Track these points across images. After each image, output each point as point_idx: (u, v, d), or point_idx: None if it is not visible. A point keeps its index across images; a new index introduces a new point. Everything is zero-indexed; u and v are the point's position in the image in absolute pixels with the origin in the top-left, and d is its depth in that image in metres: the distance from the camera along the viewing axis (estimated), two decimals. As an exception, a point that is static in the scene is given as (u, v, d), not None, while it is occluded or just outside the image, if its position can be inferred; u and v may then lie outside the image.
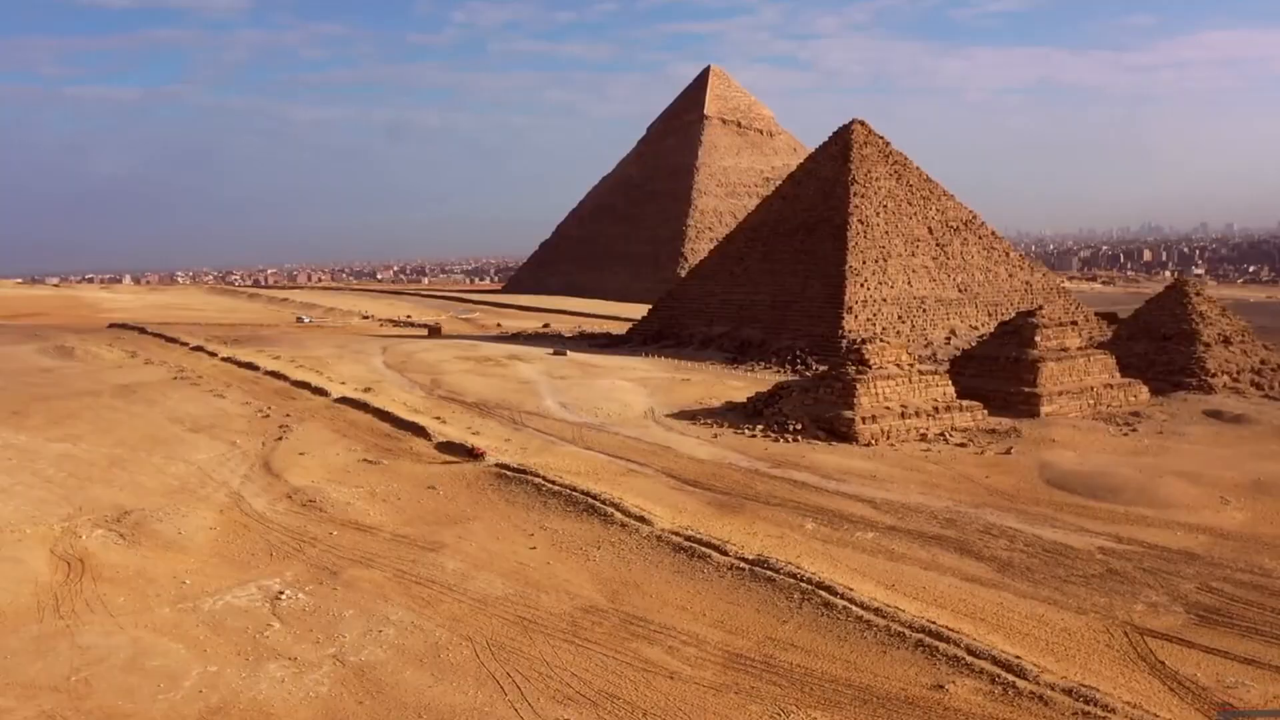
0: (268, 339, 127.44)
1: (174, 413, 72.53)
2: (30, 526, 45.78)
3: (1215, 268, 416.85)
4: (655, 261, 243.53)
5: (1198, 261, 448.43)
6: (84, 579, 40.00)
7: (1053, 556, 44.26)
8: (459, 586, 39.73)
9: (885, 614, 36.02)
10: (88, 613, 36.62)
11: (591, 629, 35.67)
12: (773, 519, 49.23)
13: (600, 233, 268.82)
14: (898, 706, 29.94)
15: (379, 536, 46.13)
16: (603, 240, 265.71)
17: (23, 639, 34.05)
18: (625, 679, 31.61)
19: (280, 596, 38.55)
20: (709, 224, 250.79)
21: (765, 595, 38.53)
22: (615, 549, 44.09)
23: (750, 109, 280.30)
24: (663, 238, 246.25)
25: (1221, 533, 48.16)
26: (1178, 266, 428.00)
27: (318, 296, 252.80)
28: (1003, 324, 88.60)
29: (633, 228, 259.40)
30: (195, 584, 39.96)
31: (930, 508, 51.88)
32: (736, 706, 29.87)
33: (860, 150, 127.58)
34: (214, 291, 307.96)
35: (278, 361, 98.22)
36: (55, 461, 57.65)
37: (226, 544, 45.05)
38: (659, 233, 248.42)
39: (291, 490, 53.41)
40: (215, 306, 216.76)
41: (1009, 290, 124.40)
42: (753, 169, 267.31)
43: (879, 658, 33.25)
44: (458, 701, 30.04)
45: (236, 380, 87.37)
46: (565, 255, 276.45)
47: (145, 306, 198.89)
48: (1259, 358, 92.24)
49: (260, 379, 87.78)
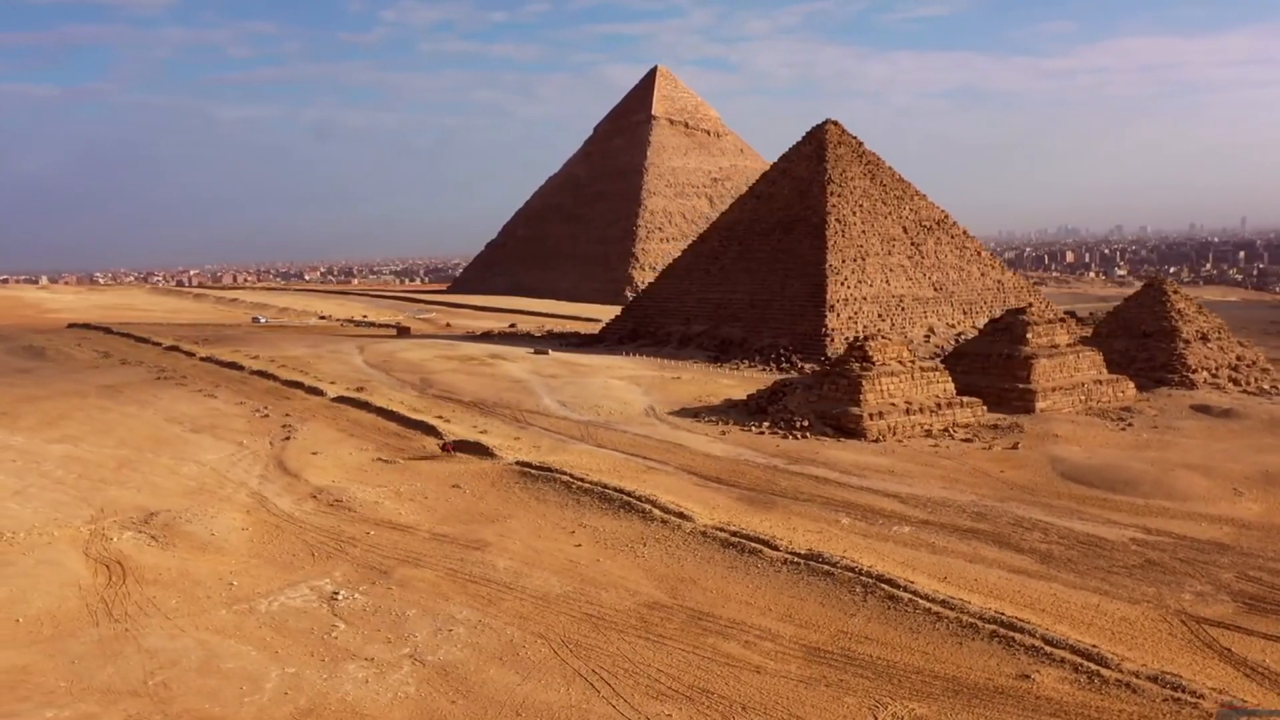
0: (236, 339, 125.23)
1: (169, 413, 70.91)
2: (56, 529, 44.44)
3: (1136, 269, 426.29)
4: (606, 261, 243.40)
5: (1119, 263, 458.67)
6: (127, 581, 38.91)
7: (1090, 548, 44.84)
8: (515, 584, 39.28)
9: (953, 606, 36.25)
10: (142, 616, 35.62)
11: (662, 625, 35.45)
12: (807, 514, 49.35)
13: (548, 233, 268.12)
14: (989, 696, 30.10)
15: (418, 535, 45.47)
16: (551, 240, 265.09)
17: (85, 643, 33.03)
18: (712, 674, 31.45)
19: (336, 597, 37.82)
20: (659, 224, 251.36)
21: (826, 589, 38.57)
22: (662, 545, 43.88)
23: (697, 109, 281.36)
24: (613, 237, 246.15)
25: (1243, 524, 49.14)
26: (1100, 267, 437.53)
27: (266, 297, 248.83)
28: (993, 321, 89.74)
29: (581, 228, 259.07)
30: (244, 585, 39.07)
31: (956, 502, 52.34)
32: (832, 699, 29.85)
33: (835, 150, 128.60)
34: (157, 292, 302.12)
35: (258, 361, 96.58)
36: (62, 463, 56.08)
37: (263, 545, 44.11)
38: (608, 232, 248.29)
39: (315, 490, 52.48)
40: (162, 307, 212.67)
41: (981, 289, 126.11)
42: (700, 169, 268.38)
43: (956, 649, 33.42)
44: (552, 699, 29.67)
45: (223, 380, 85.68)
46: (512, 255, 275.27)
47: (91, 307, 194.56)
48: (1235, 354, 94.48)
49: (248, 379, 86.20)
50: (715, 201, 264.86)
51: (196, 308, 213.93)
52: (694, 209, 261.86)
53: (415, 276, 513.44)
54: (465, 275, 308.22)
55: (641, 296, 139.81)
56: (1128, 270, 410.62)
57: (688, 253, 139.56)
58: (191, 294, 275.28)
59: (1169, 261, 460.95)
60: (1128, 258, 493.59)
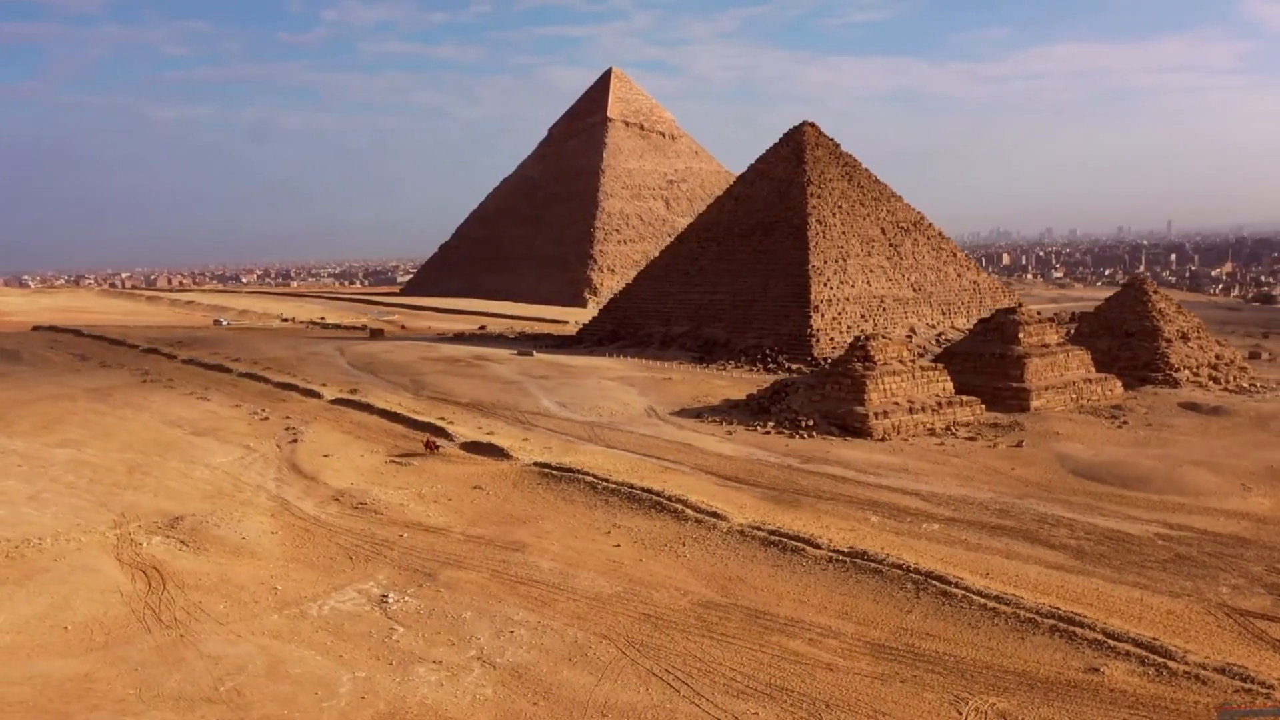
0: (210, 342, 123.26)
1: (166, 416, 69.64)
2: (82, 535, 43.42)
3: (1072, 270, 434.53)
4: (563, 263, 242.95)
5: (1055, 265, 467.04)
6: (168, 587, 38.10)
7: (1119, 544, 45.40)
8: (564, 585, 39.02)
9: (1008, 601, 36.54)
10: (193, 621, 34.91)
11: (722, 624, 35.38)
12: (835, 513, 49.54)
13: (503, 234, 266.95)
14: (1063, 690, 30.36)
15: (452, 538, 45.02)
16: (506, 242, 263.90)
17: (142, 650, 32.29)
18: (785, 672, 31.44)
19: (386, 600, 37.33)
20: (616, 226, 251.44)
21: (877, 586, 38.73)
22: (701, 545, 43.82)
23: (652, 111, 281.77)
24: (570, 239, 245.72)
25: (1258, 518, 50.01)
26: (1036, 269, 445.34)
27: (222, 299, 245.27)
28: (983, 321, 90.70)
29: (537, 229, 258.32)
30: (288, 590, 38.43)
31: (976, 499, 52.80)
32: (911, 695, 29.96)
33: (813, 151, 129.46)
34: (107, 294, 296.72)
35: (241, 363, 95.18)
36: (71, 468, 54.84)
37: (297, 548, 43.45)
38: (565, 234, 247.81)
39: (336, 493, 51.79)
40: (118, 309, 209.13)
41: (959, 289, 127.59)
42: (656, 171, 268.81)
43: (1019, 644, 33.69)
44: (634, 700, 29.50)
45: (211, 383, 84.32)
46: (467, 257, 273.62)
47: (42, 309, 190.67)
48: (1214, 353, 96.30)
49: (238, 381, 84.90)
50: (671, 204, 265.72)
51: (153, 310, 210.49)
52: (651, 211, 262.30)
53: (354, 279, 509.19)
54: (419, 277, 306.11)
55: (619, 297, 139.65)
56: (1064, 272, 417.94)
57: (666, 254, 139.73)
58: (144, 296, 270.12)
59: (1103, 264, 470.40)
60: (1062, 260, 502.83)
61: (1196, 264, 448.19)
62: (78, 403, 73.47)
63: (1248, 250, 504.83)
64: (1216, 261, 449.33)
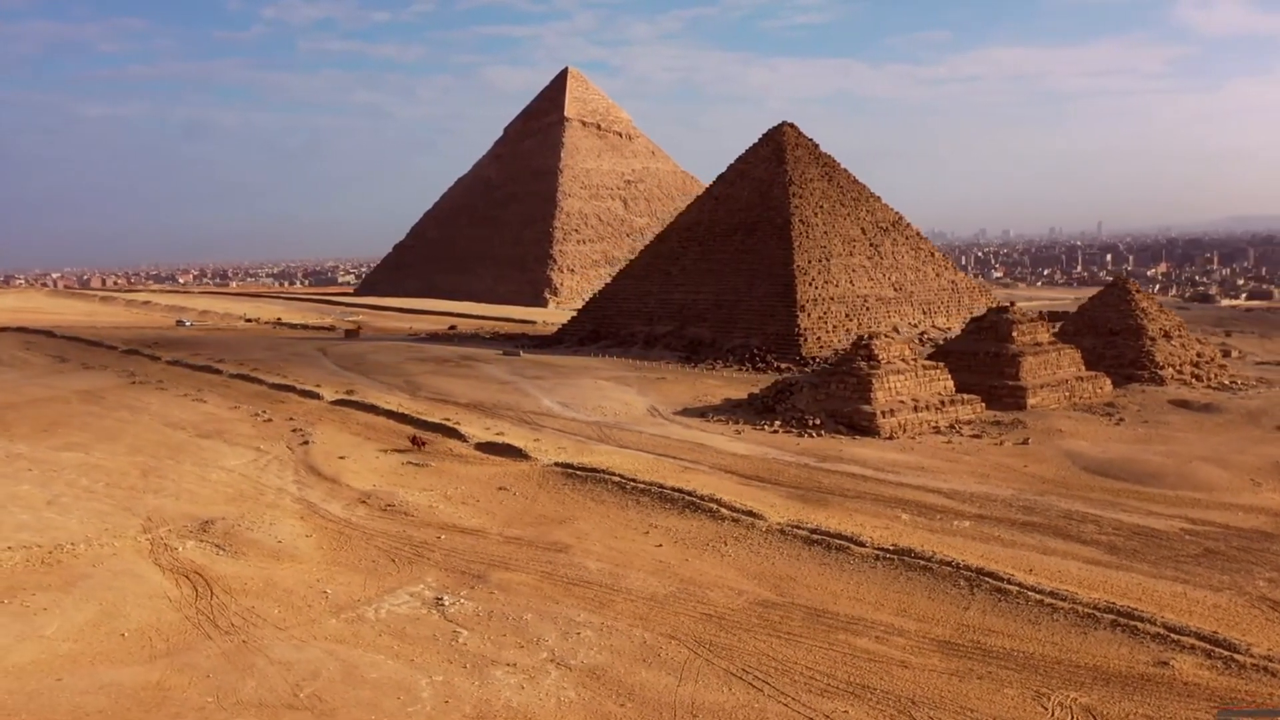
0: (185, 342, 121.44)
1: (166, 419, 68.38)
2: (115, 539, 42.52)
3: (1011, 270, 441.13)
4: (522, 263, 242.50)
5: (995, 265, 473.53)
6: (215, 592, 37.40)
7: (1148, 539, 46.02)
8: (617, 586, 38.81)
9: (1063, 597, 36.90)
10: (251, 627, 34.28)
11: (785, 623, 35.37)
12: (865, 511, 49.77)
13: (459, 234, 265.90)
14: (1137, 684, 30.68)
15: (490, 539, 44.62)
16: (462, 242, 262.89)
17: (208, 657, 31.63)
18: (861, 670, 31.48)
19: (441, 602, 36.90)
20: (575, 226, 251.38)
21: (929, 583, 38.94)
22: (743, 544, 43.82)
23: (609, 111, 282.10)
24: (529, 239, 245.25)
25: (1275, 513, 50.94)
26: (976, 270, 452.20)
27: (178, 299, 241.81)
28: (975, 320, 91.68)
29: (494, 229, 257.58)
30: (339, 593, 37.87)
31: (999, 496, 53.30)
32: (992, 691, 30.14)
33: (793, 152, 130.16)
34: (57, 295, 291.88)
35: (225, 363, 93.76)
36: (84, 471, 53.66)
37: (336, 551, 42.84)
38: (524, 234, 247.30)
39: (360, 495, 51.14)
40: (73, 310, 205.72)
41: (937, 289, 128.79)
42: (614, 171, 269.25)
43: (1083, 639, 34.01)
44: (720, 700, 29.39)
45: (203, 384, 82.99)
46: (422, 257, 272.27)
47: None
48: (1195, 350, 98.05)
49: (230, 382, 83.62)
50: (629, 204, 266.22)
51: (109, 311, 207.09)
52: (609, 211, 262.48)
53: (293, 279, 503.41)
54: (373, 277, 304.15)
55: (599, 297, 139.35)
56: (1004, 273, 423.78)
57: (646, 253, 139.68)
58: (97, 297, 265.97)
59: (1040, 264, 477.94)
60: (1001, 260, 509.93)
61: (1131, 264, 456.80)
62: (71, 405, 71.94)
63: (1180, 251, 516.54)
64: (1151, 262, 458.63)
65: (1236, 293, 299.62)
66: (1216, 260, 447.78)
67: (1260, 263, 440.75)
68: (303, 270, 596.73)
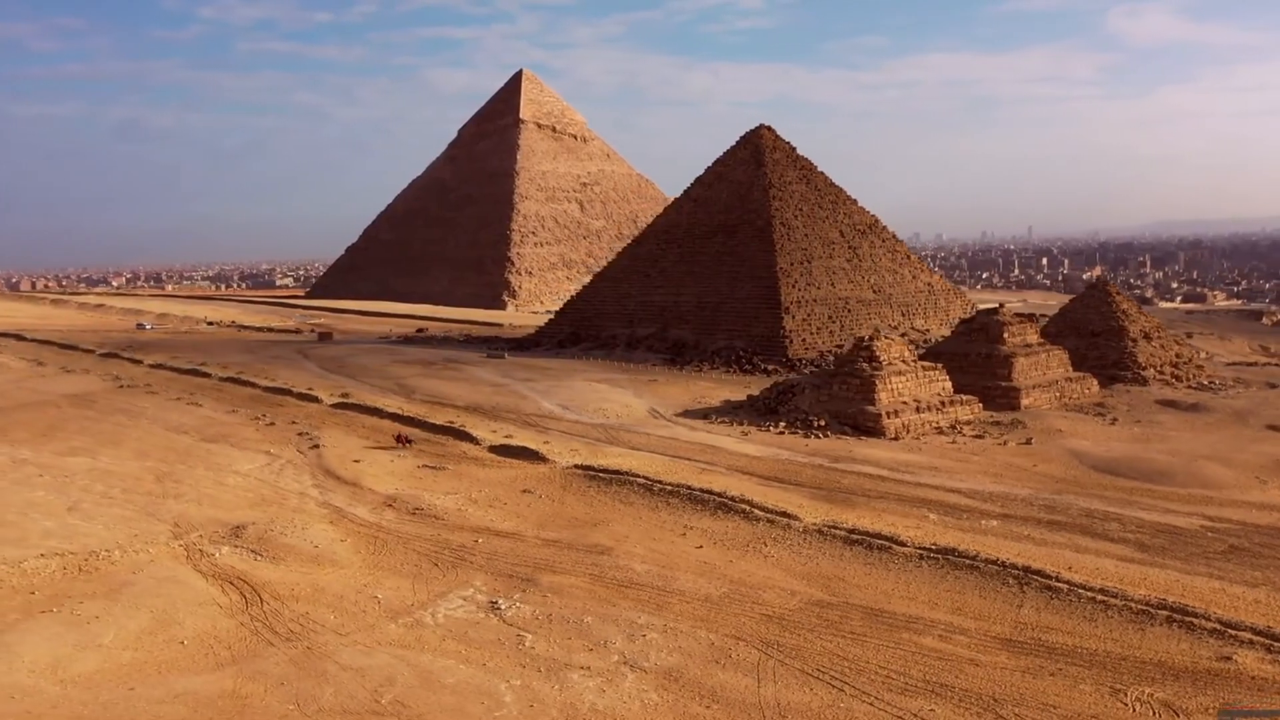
0: (159, 345, 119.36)
1: (166, 423, 67.16)
2: (148, 546, 41.65)
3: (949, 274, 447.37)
4: (480, 266, 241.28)
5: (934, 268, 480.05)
6: (264, 598, 36.75)
7: (1173, 537, 46.73)
8: (669, 588, 38.69)
9: (1114, 594, 37.35)
10: (311, 633, 33.71)
11: (845, 622, 35.44)
12: (893, 511, 50.08)
13: (413, 236, 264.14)
14: (1206, 678, 31.08)
15: (529, 542, 44.28)
16: (418, 244, 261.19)
17: (277, 664, 31.06)
18: (934, 668, 31.62)
19: (497, 606, 36.54)
20: (532, 228, 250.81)
21: (978, 582, 39.24)
22: (783, 545, 43.88)
23: (564, 114, 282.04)
24: (485, 241, 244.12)
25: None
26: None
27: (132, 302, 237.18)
28: (965, 321, 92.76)
29: (450, 231, 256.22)
30: (390, 598, 37.37)
31: (1018, 496, 53.87)
32: (1069, 687, 30.41)
33: (771, 155, 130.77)
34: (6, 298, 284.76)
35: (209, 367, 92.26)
36: (97, 477, 52.52)
37: (375, 556, 42.29)
38: (480, 236, 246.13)
39: (385, 499, 50.56)
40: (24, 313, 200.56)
41: (914, 291, 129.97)
42: (570, 174, 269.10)
43: (1140, 635, 34.44)
44: (805, 700, 29.38)
45: (194, 388, 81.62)
46: (376, 259, 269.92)
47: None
48: (1174, 351, 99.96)
49: (221, 386, 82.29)
50: (586, 206, 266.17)
51: (63, 314, 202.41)
52: (566, 213, 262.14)
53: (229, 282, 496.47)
54: (325, 280, 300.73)
55: (576, 300, 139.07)
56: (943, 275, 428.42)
57: (624, 255, 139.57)
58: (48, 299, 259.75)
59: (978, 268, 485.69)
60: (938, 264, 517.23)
61: (1066, 268, 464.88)
62: (64, 410, 70.39)
63: (1112, 255, 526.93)
64: (1085, 265, 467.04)
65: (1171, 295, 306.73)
66: (1149, 264, 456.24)
67: (1190, 266, 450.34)
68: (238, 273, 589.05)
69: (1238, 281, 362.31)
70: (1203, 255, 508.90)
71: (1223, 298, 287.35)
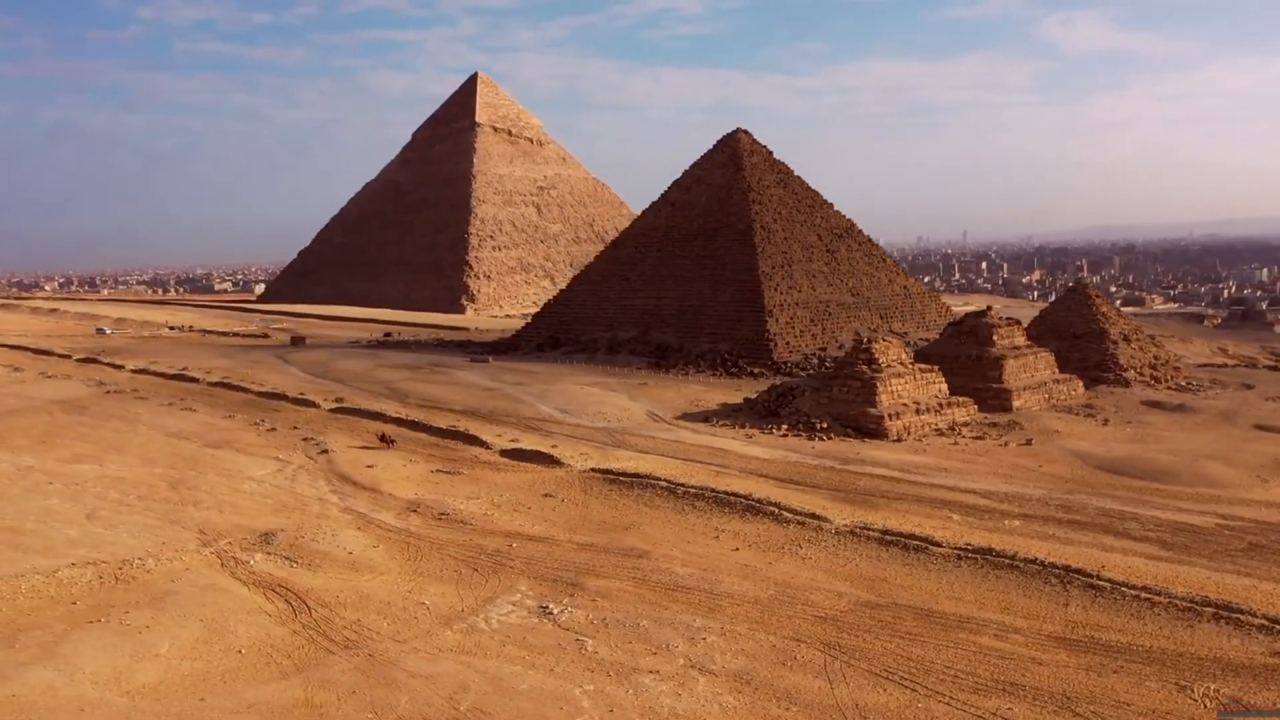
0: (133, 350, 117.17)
1: (165, 429, 65.95)
2: (180, 554, 40.83)
3: None
4: (438, 270, 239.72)
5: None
6: (312, 606, 36.17)
7: (1193, 535, 47.46)
8: (716, 590, 38.62)
9: (1157, 591, 37.88)
10: (369, 641, 33.20)
11: (899, 623, 35.57)
12: (915, 512, 50.37)
13: (369, 240, 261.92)
14: (1265, 674, 31.53)
15: (564, 546, 43.99)
16: (373, 248, 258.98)
17: (343, 672, 30.54)
18: (999, 667, 31.80)
19: (549, 611, 36.24)
20: (490, 232, 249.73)
21: (1020, 581, 39.59)
22: (818, 547, 43.99)
23: (519, 117, 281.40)
24: (443, 245, 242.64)
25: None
26: None
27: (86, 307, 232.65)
28: (954, 324, 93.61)
29: (406, 235, 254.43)
30: (438, 604, 36.93)
31: (1032, 496, 54.44)
32: (1135, 684, 30.74)
33: (749, 158, 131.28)
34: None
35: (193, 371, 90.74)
36: (109, 484, 51.43)
37: (413, 562, 41.77)
38: (438, 240, 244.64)
39: (407, 504, 50.02)
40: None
41: (891, 294, 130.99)
42: (526, 177, 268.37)
43: (1190, 631, 34.93)
44: (882, 701, 29.42)
45: (184, 393, 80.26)
46: (329, 263, 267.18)
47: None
48: (1152, 354, 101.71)
49: (212, 391, 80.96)
50: (543, 210, 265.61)
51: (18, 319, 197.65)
52: (523, 217, 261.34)
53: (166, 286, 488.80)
54: (278, 284, 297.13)
55: (554, 303, 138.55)
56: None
57: (601, 259, 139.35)
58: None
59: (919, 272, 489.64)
60: None
61: (1006, 271, 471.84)
62: (56, 416, 68.86)
63: (1049, 259, 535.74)
64: (1024, 269, 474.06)
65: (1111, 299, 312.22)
66: (1086, 268, 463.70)
67: (1125, 270, 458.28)
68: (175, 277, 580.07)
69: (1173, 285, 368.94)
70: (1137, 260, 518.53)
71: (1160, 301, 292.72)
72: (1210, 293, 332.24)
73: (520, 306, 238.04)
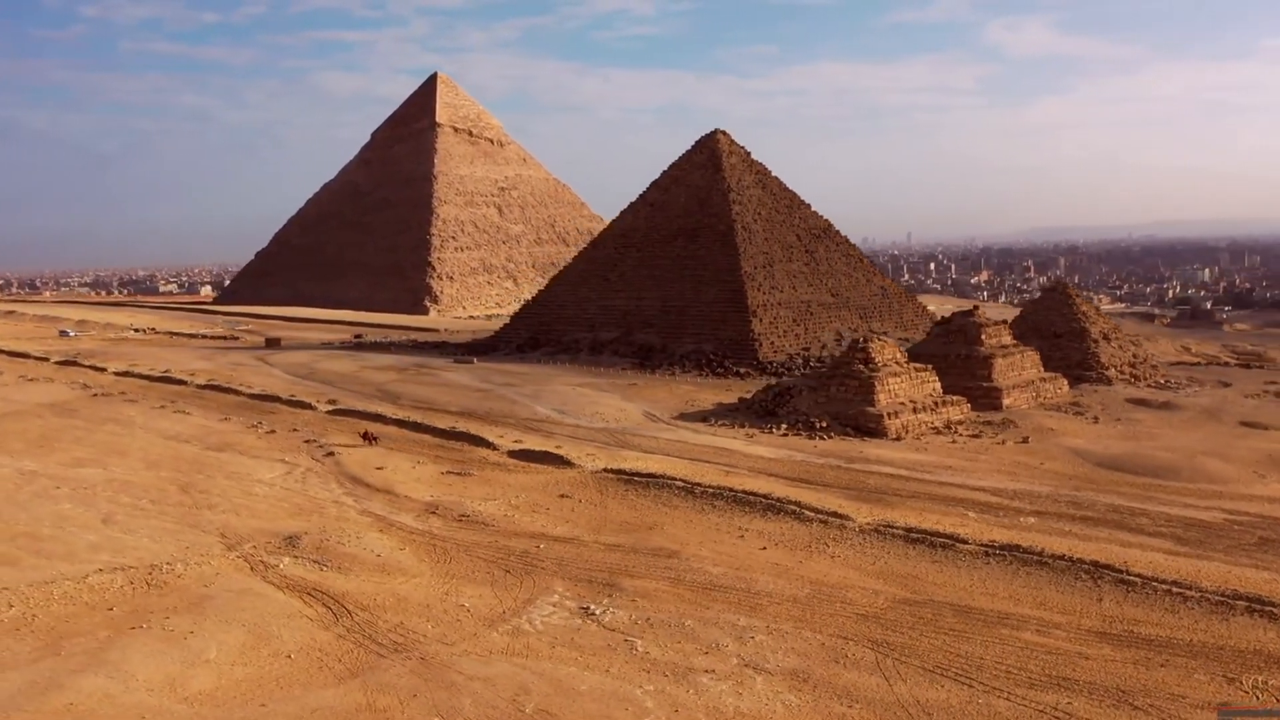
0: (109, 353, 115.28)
1: (161, 432, 65.00)
2: (208, 558, 40.25)
3: None
4: (399, 271, 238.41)
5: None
6: (352, 609, 35.80)
7: (1204, 530, 48.18)
8: (753, 590, 38.67)
9: (1188, 585, 38.45)
10: (416, 644, 32.89)
11: (940, 619, 35.82)
12: (932, 509, 50.74)
13: (327, 241, 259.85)
14: (1304, 666, 32.29)
15: (591, 547, 43.87)
16: (332, 249, 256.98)
17: (400, 675, 30.22)
18: (1048, 662, 32.07)
19: (591, 611, 36.12)
20: (452, 233, 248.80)
21: (1051, 577, 40.01)
22: (846, 545, 44.20)
23: (480, 118, 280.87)
24: (404, 246, 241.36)
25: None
26: None
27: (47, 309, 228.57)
28: (943, 323, 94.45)
29: (366, 236, 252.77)
30: (478, 606, 36.68)
31: (1040, 493, 55.06)
32: (1183, 677, 31.17)
33: (728, 159, 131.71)
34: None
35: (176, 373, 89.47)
36: (119, 489, 50.56)
37: (443, 564, 41.45)
38: (399, 241, 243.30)
39: (425, 506, 49.68)
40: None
41: (870, 295, 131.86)
42: (487, 178, 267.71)
43: (1225, 625, 35.46)
44: (943, 698, 29.60)
45: (174, 396, 79.24)
46: (287, 264, 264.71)
47: None
48: (1131, 352, 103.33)
49: (201, 393, 79.91)
50: (504, 211, 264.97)
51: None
52: (485, 218, 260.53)
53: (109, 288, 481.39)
54: (235, 285, 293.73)
55: (533, 304, 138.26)
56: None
57: (580, 260, 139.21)
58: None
59: None
60: None
61: (954, 273, 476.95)
62: (46, 419, 67.59)
63: (996, 260, 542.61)
64: (971, 270, 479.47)
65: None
66: (1033, 269, 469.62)
67: (1070, 271, 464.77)
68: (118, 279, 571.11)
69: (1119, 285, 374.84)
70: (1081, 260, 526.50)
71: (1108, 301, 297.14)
72: (1156, 293, 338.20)
73: (483, 307, 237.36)
